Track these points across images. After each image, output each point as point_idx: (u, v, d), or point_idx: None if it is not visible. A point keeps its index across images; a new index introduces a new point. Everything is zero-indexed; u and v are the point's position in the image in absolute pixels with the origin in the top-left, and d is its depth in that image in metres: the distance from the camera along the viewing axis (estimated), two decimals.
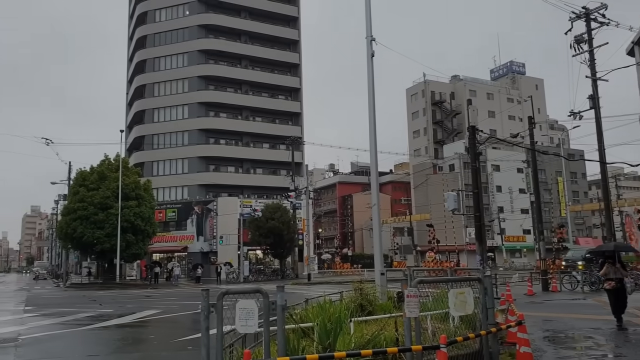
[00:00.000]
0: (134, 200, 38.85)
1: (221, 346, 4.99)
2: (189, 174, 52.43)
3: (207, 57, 56.23)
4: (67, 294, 27.98)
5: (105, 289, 33.16)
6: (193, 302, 19.03)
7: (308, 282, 32.83)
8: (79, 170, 41.41)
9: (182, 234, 50.13)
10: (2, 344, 9.29)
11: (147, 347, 9.34)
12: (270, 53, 58.19)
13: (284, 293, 4.98)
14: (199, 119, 54.21)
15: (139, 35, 58.79)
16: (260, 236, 40.01)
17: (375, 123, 12.89)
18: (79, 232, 37.15)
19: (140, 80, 57.69)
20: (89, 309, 16.63)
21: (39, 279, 62.76)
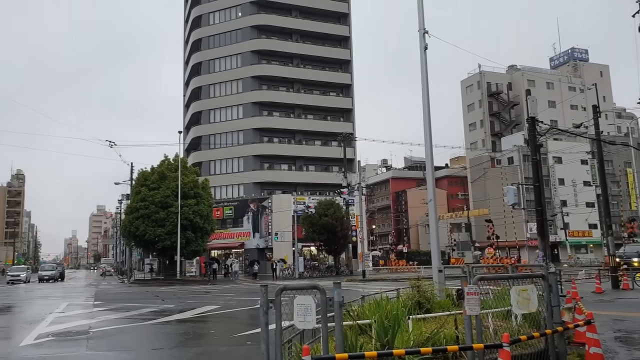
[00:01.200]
0: (193, 198, 40.10)
1: (280, 341, 5.02)
2: (244, 172, 53.54)
3: (259, 57, 57.13)
4: (131, 290, 29.24)
5: (166, 285, 34.38)
6: (250, 297, 19.43)
7: (363, 279, 32.70)
8: (140, 170, 43.22)
9: (238, 231, 51.28)
10: (75, 336, 9.83)
11: (207, 342, 9.59)
12: (321, 50, 58.39)
13: (341, 289, 4.95)
14: (252, 118, 55.23)
15: (194, 38, 60.57)
16: (313, 233, 40.26)
17: (430, 116, 12.62)
18: (141, 230, 38.77)
19: (196, 83, 59.45)
20: (152, 304, 17.29)
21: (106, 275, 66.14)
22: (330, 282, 5.23)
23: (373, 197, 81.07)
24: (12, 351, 8.36)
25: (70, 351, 8.21)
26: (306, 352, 4.42)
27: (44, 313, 14.59)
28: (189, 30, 63.48)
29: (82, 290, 29.48)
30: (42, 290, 31.02)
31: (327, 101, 58.23)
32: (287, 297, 4.95)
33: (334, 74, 59.21)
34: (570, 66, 77.23)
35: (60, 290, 30.49)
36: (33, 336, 9.83)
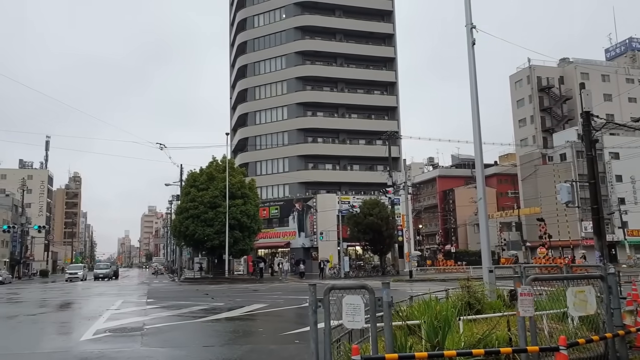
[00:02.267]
0: (240, 198, 40.84)
1: (330, 341, 5.03)
2: (289, 172, 54.07)
3: (303, 58, 57.52)
4: (182, 288, 30.04)
5: (215, 283, 35.14)
6: (297, 296, 19.55)
7: (410, 279, 32.32)
8: (189, 172, 44.43)
9: (284, 230, 51.82)
10: (130, 333, 10.21)
11: (256, 340, 9.73)
12: (364, 49, 58.17)
13: (389, 290, 4.90)
14: (297, 119, 55.69)
15: (240, 41, 61.68)
16: (359, 232, 40.12)
17: (479, 113, 12.32)
18: (191, 230, 39.81)
19: (242, 85, 60.53)
20: (202, 302, 17.72)
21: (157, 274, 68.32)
22: (377, 282, 5.19)
23: (419, 196, 79.98)
24: (74, 345, 8.78)
25: (126, 347, 8.53)
26: (355, 351, 4.41)
27: (100, 310, 15.24)
28: (235, 33, 64.67)
29: (135, 288, 30.56)
30: (98, 287, 32.40)
31: (371, 100, 57.94)
32: (334, 297, 4.95)
33: (378, 72, 58.86)
34: (628, 57, 73.40)
35: (115, 288, 31.75)
36: (92, 331, 10.28)
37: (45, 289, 33.28)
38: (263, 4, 59.83)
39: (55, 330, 11.51)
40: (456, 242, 70.58)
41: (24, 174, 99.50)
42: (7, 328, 11.70)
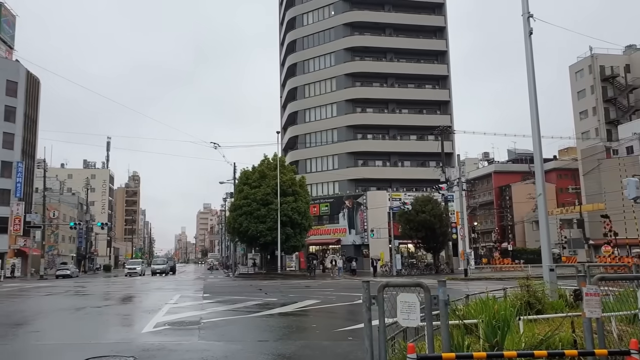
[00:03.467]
0: (291, 196, 41.29)
1: (384, 338, 4.96)
2: (339, 170, 54.09)
3: (353, 55, 57.29)
4: (236, 283, 30.73)
5: (268, 279, 35.72)
6: (349, 293, 19.53)
7: (465, 278, 31.58)
8: (242, 170, 45.36)
9: (335, 227, 51.90)
10: (188, 326, 10.53)
11: (309, 336, 9.78)
12: (415, 43, 57.26)
13: (446, 288, 4.78)
14: (347, 115, 55.59)
15: (289, 40, 62.21)
16: (410, 230, 39.56)
17: (537, 105, 11.83)
18: (244, 227, 40.64)
19: (292, 84, 61.05)
20: (256, 298, 18.02)
21: (212, 269, 70.19)
22: (431, 280, 5.09)
23: (474, 192, 77.81)
24: (135, 337, 9.15)
25: (185, 340, 8.79)
26: (411, 350, 4.32)
27: (160, 303, 15.81)
28: (284, 32, 65.30)
29: (192, 283, 31.52)
30: (156, 282, 33.64)
31: (423, 94, 56.96)
32: (387, 294, 4.89)
33: (429, 65, 57.77)
34: None
35: (172, 283, 32.89)
36: (152, 324, 10.68)
37: (108, 282, 34.97)
38: (312, 1, 60.04)
39: (118, 322, 12.04)
40: (513, 239, 68.27)
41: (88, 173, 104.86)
42: (77, 319, 12.35)
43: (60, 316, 13.11)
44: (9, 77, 53.48)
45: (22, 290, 25.05)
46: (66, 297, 20.27)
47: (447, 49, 58.17)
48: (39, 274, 50.13)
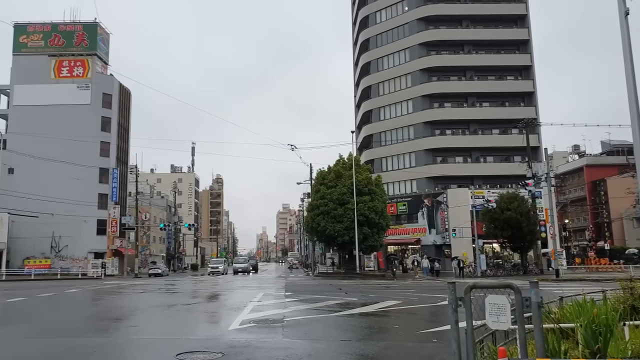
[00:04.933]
0: (367, 195, 41.11)
1: (472, 341, 4.77)
2: (417, 167, 53.07)
3: (428, 49, 56.04)
4: (316, 282, 31.09)
5: (347, 278, 35.81)
6: (431, 294, 19.09)
7: (556, 279, 29.80)
8: (318, 170, 45.84)
9: (414, 227, 50.98)
10: (272, 324, 10.77)
11: (392, 337, 9.65)
12: (494, 33, 54.93)
13: (539, 289, 4.50)
14: (423, 112, 54.45)
15: (362, 39, 62.05)
16: (495, 228, 37.93)
17: (637, 92, 10.84)
18: (322, 226, 41.03)
19: (366, 82, 60.82)
20: (336, 297, 18.11)
21: (292, 268, 71.57)
22: (519, 281, 4.81)
23: (564, 188, 73.14)
24: (223, 334, 9.50)
25: (269, 337, 8.99)
26: (502, 354, 4.11)
27: (244, 302, 16.33)
28: (357, 32, 65.23)
29: (273, 282, 32.32)
30: (240, 281, 34.83)
31: (504, 86, 54.46)
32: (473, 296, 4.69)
33: (511, 56, 55.13)
34: None
35: (255, 281, 33.91)
36: (238, 322, 11.04)
37: (195, 281, 36.74)
38: None
39: (206, 319, 12.58)
40: (610, 238, 63.33)
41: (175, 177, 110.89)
42: (169, 315, 13.07)
43: (154, 312, 13.93)
44: (104, 91, 57.92)
45: (120, 288, 26.96)
46: (158, 294, 21.53)
47: (530, 37, 55.20)
48: (134, 272, 53.79)
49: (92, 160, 54.50)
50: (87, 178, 53.35)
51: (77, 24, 58.82)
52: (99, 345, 8.28)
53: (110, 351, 7.88)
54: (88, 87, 57.12)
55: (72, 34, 58.30)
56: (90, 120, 56.12)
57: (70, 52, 57.91)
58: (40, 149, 51.69)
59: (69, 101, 56.36)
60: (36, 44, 58.03)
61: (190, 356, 7.22)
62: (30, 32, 58.13)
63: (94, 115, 56.53)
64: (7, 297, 19.55)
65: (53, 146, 52.38)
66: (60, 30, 58.38)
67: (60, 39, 58.16)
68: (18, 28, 58.29)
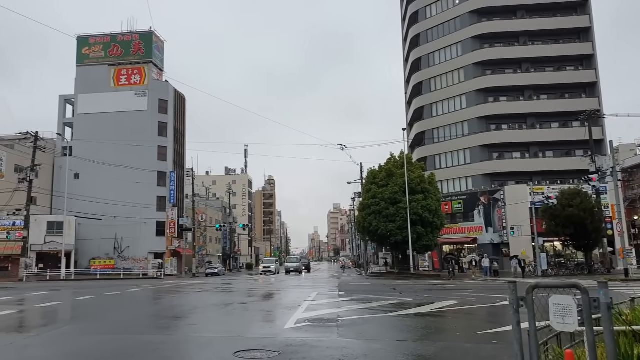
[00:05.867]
0: (420, 193, 40.45)
1: (536, 343, 4.58)
2: (472, 164, 51.70)
3: (481, 43, 54.54)
4: (369, 282, 30.91)
5: (401, 278, 35.40)
6: (489, 295, 18.56)
7: (625, 279, 28.18)
8: (369, 169, 45.56)
9: (469, 225, 49.73)
10: (326, 324, 10.79)
11: (449, 337, 9.43)
12: (551, 22, 52.75)
13: (608, 290, 4.25)
14: (477, 106, 53.04)
15: (412, 34, 61.19)
16: (557, 226, 36.34)
17: None
18: (374, 226, 40.74)
19: (417, 78, 59.94)
20: (390, 297, 17.92)
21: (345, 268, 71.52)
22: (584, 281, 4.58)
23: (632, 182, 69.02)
24: (279, 332, 9.61)
25: (325, 337, 9.00)
26: (570, 357, 3.94)
27: (299, 301, 16.46)
28: (407, 27, 64.38)
29: (326, 282, 32.41)
30: (293, 280, 35.14)
31: (564, 77, 52.16)
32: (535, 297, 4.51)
33: (570, 45, 52.73)
34: None
35: (309, 280, 34.13)
36: (293, 321, 11.13)
37: (250, 280, 37.45)
38: None
39: (262, 317, 12.77)
40: None
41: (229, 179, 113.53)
42: (226, 314, 13.37)
43: (212, 311, 14.30)
44: (160, 97, 60.15)
45: (178, 287, 27.88)
46: (215, 293, 22.09)
47: (591, 24, 52.56)
48: (192, 272, 55.52)
49: (150, 164, 56.72)
50: (146, 181, 55.59)
51: (134, 34, 61.43)
52: (161, 342, 8.59)
53: (172, 348, 8.14)
54: (145, 94, 59.51)
55: (129, 44, 60.93)
56: (147, 125, 58.44)
57: (128, 61, 60.55)
58: (102, 154, 54.36)
59: (128, 108, 58.95)
60: (97, 55, 61.06)
61: (248, 354, 7.34)
62: (91, 43, 61.24)
63: (151, 121, 58.82)
64: (76, 296, 20.66)
65: (114, 151, 54.95)
66: (118, 40, 61.16)
67: (118, 48, 60.92)
68: (81, 40, 61.55)
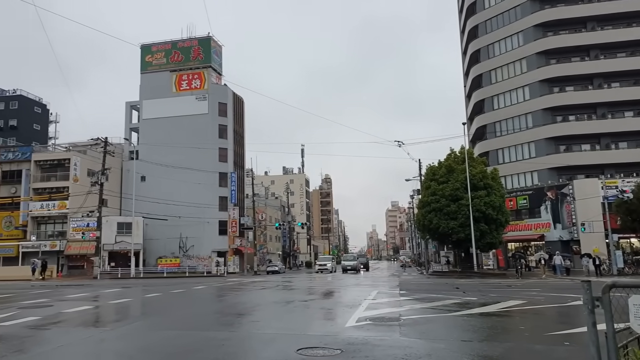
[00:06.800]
0: (483, 189, 39.24)
1: (614, 345, 4.31)
2: (537, 158, 49.60)
3: (544, 31, 52.14)
4: (430, 281, 30.34)
5: (464, 277, 34.51)
6: (559, 294, 17.78)
7: None
8: (428, 166, 44.71)
9: (536, 222, 47.72)
10: (388, 322, 10.67)
11: (517, 338, 9.07)
12: (622, 5, 49.73)
13: None
14: (542, 97, 50.76)
15: (470, 26, 59.46)
16: (633, 221, 34.19)
17: None
18: (434, 224, 39.92)
19: (476, 71, 58.18)
20: (453, 296, 17.50)
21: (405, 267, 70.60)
22: None
23: None
24: (340, 330, 9.60)
25: (387, 335, 8.91)
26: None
27: (359, 299, 16.40)
28: (464, 19, 62.64)
29: (386, 280, 32.13)
30: (352, 279, 35.04)
31: (638, 63, 48.87)
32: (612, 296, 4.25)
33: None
34: None
35: (368, 279, 33.97)
36: (354, 319, 11.10)
37: (310, 278, 37.76)
38: None
39: (323, 315, 12.83)
40: None
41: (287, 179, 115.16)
42: (288, 311, 13.55)
43: (274, 308, 14.53)
44: (220, 100, 61.91)
45: (241, 285, 28.57)
46: (276, 291, 22.45)
47: None
48: (253, 270, 56.76)
49: (211, 166, 58.53)
50: (208, 182, 57.42)
51: (193, 40, 63.57)
52: (226, 339, 8.81)
53: (236, 344, 8.34)
54: (205, 98, 61.45)
55: (189, 50, 63.13)
56: (208, 128, 60.33)
57: (188, 66, 62.76)
58: (166, 157, 56.67)
59: (189, 112, 61.10)
60: (159, 62, 63.72)
61: (310, 351, 7.38)
62: (154, 51, 63.98)
63: (212, 124, 60.66)
64: (146, 293, 21.65)
65: (177, 154, 57.15)
66: (179, 47, 63.51)
67: (179, 55, 63.26)
68: (144, 49, 64.44)
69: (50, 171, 55.21)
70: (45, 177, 55.14)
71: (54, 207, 53.03)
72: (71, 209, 52.00)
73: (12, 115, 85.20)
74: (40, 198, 53.48)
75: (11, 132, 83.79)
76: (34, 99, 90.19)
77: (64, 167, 54.70)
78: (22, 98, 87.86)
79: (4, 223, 54.29)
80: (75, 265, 52.09)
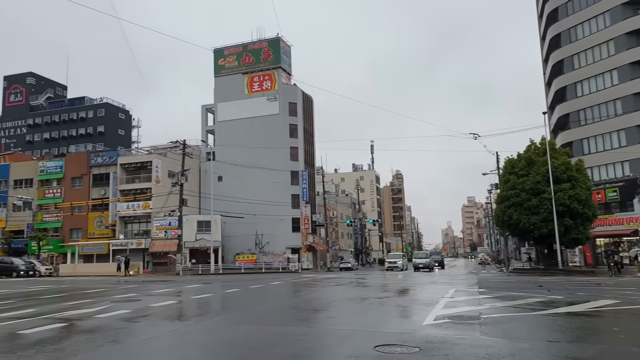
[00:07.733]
0: (567, 182, 37.07)
1: None
2: (628, 147, 46.02)
3: (634, 8, 48.18)
4: (511, 279, 29.08)
5: (547, 275, 32.82)
6: None
7: None
8: (506, 158, 42.86)
9: (628, 216, 44.34)
10: (467, 321, 10.31)
11: (611, 339, 8.41)
12: None
13: None
14: (632, 81, 47.03)
15: (549, 9, 56.28)
16: None
17: None
18: (514, 219, 38.23)
19: (556, 57, 54.97)
20: (537, 294, 16.64)
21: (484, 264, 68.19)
22: None
23: None
24: (417, 328, 9.40)
25: (466, 334, 8.60)
26: None
27: (436, 297, 16.01)
28: (542, 3, 59.34)
29: (464, 278, 31.19)
30: (425, 277, 34.30)
31: None
32: None
33: None
34: None
35: (445, 277, 33.13)
36: (432, 317, 10.83)
37: (383, 275, 37.44)
38: None
39: (399, 313, 12.64)
40: None
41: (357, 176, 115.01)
42: (363, 308, 13.49)
43: (349, 305, 14.52)
44: (290, 100, 62.95)
45: (315, 281, 28.88)
46: (350, 287, 22.45)
47: None
48: (326, 266, 57.23)
49: (283, 165, 59.71)
50: (280, 181, 58.65)
51: (263, 41, 65.07)
52: (303, 334, 8.90)
53: (313, 340, 8.40)
54: (276, 99, 62.73)
55: (259, 51, 64.69)
56: (279, 128, 61.56)
57: (259, 68, 64.35)
58: (240, 157, 58.51)
59: (261, 113, 62.67)
60: (231, 65, 65.84)
61: (388, 349, 7.27)
62: (226, 55, 66.20)
63: (283, 124, 61.84)
64: (225, 288, 22.45)
65: (251, 154, 58.83)
66: (249, 49, 65.27)
67: (250, 57, 65.02)
68: (217, 53, 66.84)
69: (134, 173, 58.85)
70: (130, 179, 58.88)
71: (138, 207, 56.50)
72: (154, 208, 55.15)
73: (100, 122, 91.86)
74: (126, 199, 57.18)
75: (99, 137, 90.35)
76: (118, 106, 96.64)
77: (146, 169, 58.11)
78: (108, 106, 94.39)
79: (96, 223, 58.60)
80: (159, 262, 55.16)
